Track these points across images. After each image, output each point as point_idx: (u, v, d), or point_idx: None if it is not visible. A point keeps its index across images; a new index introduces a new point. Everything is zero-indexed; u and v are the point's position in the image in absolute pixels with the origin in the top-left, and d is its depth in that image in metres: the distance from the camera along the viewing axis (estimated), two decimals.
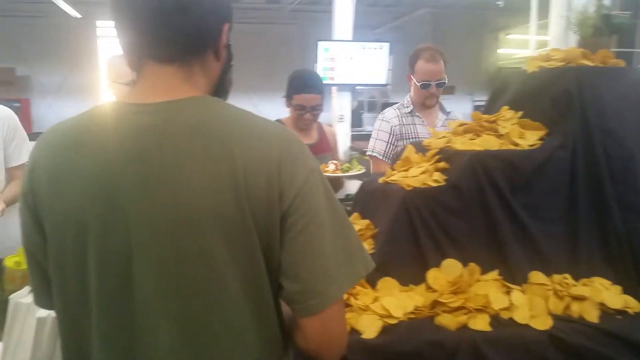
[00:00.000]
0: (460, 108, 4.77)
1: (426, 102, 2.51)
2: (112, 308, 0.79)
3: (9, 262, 1.68)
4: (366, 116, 7.76)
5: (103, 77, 7.03)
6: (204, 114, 0.80)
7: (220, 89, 0.91)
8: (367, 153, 2.63)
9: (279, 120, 2.43)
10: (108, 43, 7.27)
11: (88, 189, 0.78)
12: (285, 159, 0.79)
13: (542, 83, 1.67)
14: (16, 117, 2.26)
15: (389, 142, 2.55)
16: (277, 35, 7.89)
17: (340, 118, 5.32)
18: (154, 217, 0.76)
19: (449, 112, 2.60)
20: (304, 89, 2.29)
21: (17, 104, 7.81)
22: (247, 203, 0.76)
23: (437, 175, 1.48)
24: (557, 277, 1.40)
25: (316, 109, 2.33)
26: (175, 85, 0.82)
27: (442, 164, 1.52)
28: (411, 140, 2.52)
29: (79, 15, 6.67)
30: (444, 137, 1.67)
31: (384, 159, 2.53)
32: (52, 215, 0.81)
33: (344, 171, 2.34)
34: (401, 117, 2.57)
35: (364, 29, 6.90)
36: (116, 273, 0.78)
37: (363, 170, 2.29)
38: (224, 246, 0.76)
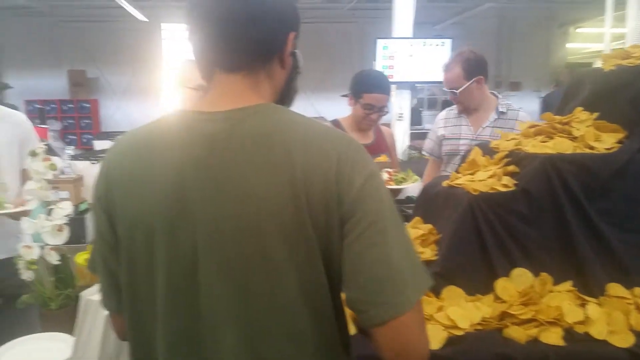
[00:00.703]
0: (526, 105, 4.58)
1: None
2: (177, 309, 0.82)
3: (80, 259, 1.75)
4: (426, 114, 7.63)
5: (166, 79, 7.33)
6: (267, 122, 0.81)
7: (285, 96, 0.92)
8: (422, 152, 2.66)
9: (336, 121, 2.41)
10: (172, 45, 7.51)
11: (158, 193, 0.80)
12: (343, 164, 0.78)
13: (621, 82, 1.56)
14: (30, 122, 2.30)
15: (436, 141, 2.56)
16: (335, 34, 7.89)
17: (399, 116, 5.25)
18: (219, 222, 0.78)
19: (501, 112, 2.44)
20: (376, 88, 2.24)
21: (87, 104, 8.25)
22: (306, 210, 0.76)
23: (506, 180, 1.41)
24: (638, 291, 1.30)
25: (383, 110, 2.29)
26: (242, 93, 0.83)
27: (511, 168, 1.45)
28: (453, 141, 2.49)
29: (145, 19, 6.92)
30: (513, 139, 1.59)
31: (435, 159, 2.55)
32: (124, 217, 0.84)
33: (397, 182, 2.19)
34: (449, 117, 2.54)
35: (424, 26, 6.77)
36: (182, 275, 0.80)
37: (418, 182, 2.19)
38: (285, 252, 0.77)
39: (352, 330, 0.97)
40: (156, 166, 0.81)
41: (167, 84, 7.48)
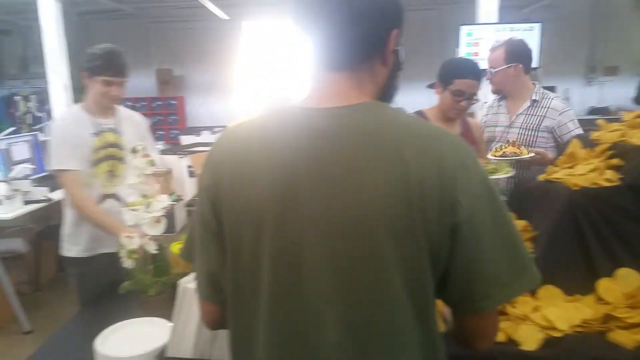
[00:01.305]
0: (625, 92, 4.23)
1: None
2: (281, 301, 0.83)
3: (174, 248, 1.84)
4: None
5: (245, 75, 7.57)
6: (375, 119, 0.81)
7: (386, 93, 0.92)
8: None
9: (420, 111, 2.36)
10: (251, 42, 7.69)
11: (266, 186, 0.82)
12: (459, 167, 0.78)
13: None
14: (146, 121, 2.48)
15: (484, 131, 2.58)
16: (415, 22, 7.72)
17: (483, 105, 5.05)
18: (326, 216, 0.78)
19: (534, 100, 2.41)
20: (468, 74, 2.19)
21: (174, 101, 8.65)
22: (418, 210, 0.76)
23: (610, 174, 1.32)
24: None
25: (473, 98, 2.22)
26: (346, 91, 0.84)
27: (615, 161, 1.36)
28: (491, 128, 2.54)
29: (227, 17, 7.13)
30: (617, 130, 1.48)
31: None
32: (232, 208, 0.86)
33: (488, 173, 2.13)
34: (492, 105, 2.59)
35: (510, 10, 6.45)
36: (288, 268, 0.82)
37: (511, 174, 2.09)
38: (392, 249, 0.77)
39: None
40: (264, 159, 0.83)
41: (245, 80, 7.73)
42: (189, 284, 1.39)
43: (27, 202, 3.55)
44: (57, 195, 3.80)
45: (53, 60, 5.66)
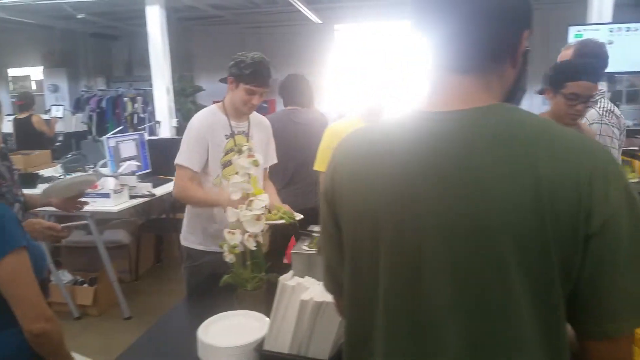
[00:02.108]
0: None
1: None
2: (399, 305, 0.82)
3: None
4: (624, 108, 6.75)
5: (337, 79, 7.65)
6: (505, 122, 0.77)
7: (513, 96, 0.87)
8: None
9: None
10: (344, 46, 7.76)
11: (384, 191, 0.81)
12: (598, 176, 0.72)
13: None
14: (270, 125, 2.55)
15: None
16: None
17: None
18: (447, 224, 0.76)
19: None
20: (582, 75, 2.07)
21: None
22: (548, 219, 0.71)
23: None
24: None
25: (589, 101, 2.10)
26: (473, 94, 0.81)
27: None
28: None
29: (319, 21, 7.24)
30: None
31: None
32: (349, 212, 0.87)
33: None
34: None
35: (626, 8, 5.97)
36: (405, 275, 0.80)
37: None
38: (518, 261, 0.73)
39: None
40: (384, 164, 0.82)
41: (337, 83, 7.81)
42: (288, 281, 1.42)
43: (132, 197, 3.81)
44: (159, 191, 4.05)
45: (157, 64, 6.04)
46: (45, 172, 4.54)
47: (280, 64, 8.38)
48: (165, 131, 6.09)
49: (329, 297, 1.34)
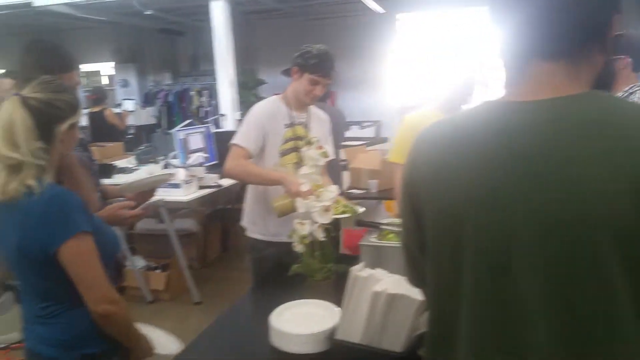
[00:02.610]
0: None
1: None
2: (485, 300, 0.81)
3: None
4: None
5: (399, 69, 7.54)
6: (600, 110, 0.74)
7: (604, 82, 0.84)
8: None
9: None
10: (406, 35, 7.65)
11: (467, 184, 0.80)
12: None
13: None
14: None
15: None
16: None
17: None
18: (540, 216, 0.74)
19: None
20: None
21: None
22: None
23: None
24: None
25: None
26: (562, 82, 0.78)
27: None
28: None
29: (382, 10, 7.17)
30: None
31: None
32: (432, 206, 0.87)
33: None
34: None
35: None
36: (493, 269, 0.79)
37: None
38: (617, 255, 0.70)
39: None
40: (469, 157, 0.81)
41: (398, 74, 7.71)
42: (360, 272, 1.45)
43: (200, 187, 3.95)
44: (226, 182, 4.18)
45: (221, 58, 6.18)
46: (120, 163, 4.78)
47: (341, 55, 8.36)
48: (229, 124, 6.25)
49: (402, 290, 1.36)
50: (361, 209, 2.07)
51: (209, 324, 1.72)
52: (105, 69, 10.96)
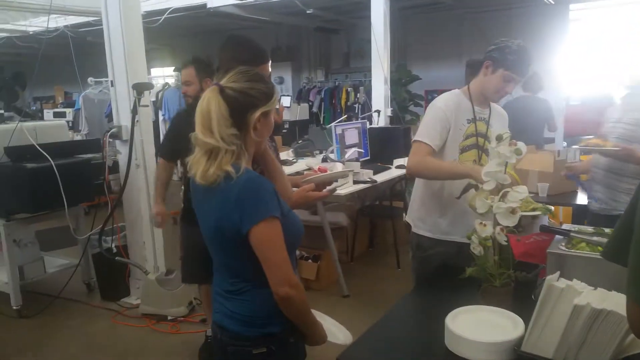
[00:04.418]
0: None
1: None
2: None
3: None
4: None
5: (575, 64, 6.89)
6: None
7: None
8: None
9: None
10: (581, 27, 7.00)
11: None
12: None
13: None
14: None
15: None
16: None
17: None
18: None
19: None
20: None
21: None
22: None
23: None
24: None
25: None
26: None
27: None
28: None
29: (551, 2, 6.65)
30: None
31: None
32: None
33: None
34: None
35: None
36: None
37: None
38: None
39: None
40: None
41: (576, 68, 7.06)
42: (555, 282, 1.31)
43: (355, 182, 3.99)
44: (379, 177, 4.17)
45: (377, 54, 6.21)
46: (280, 156, 5.02)
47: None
48: (380, 120, 6.25)
49: (610, 305, 1.20)
50: (551, 208, 1.88)
51: (358, 318, 1.70)
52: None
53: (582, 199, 3.43)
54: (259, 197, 1.38)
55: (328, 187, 1.79)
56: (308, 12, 7.36)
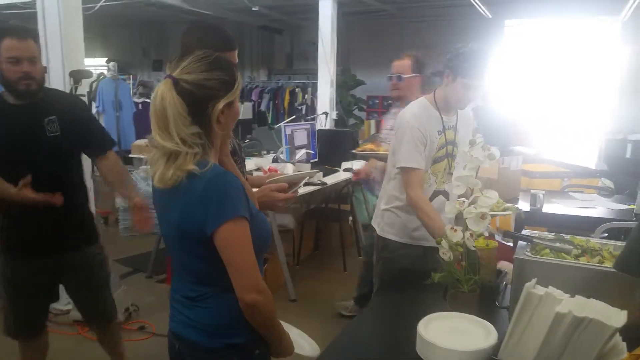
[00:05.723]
0: None
1: None
2: None
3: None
4: None
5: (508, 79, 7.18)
6: None
7: None
8: None
9: None
10: (514, 42, 7.30)
11: None
12: None
13: None
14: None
15: None
16: None
17: None
18: None
19: None
20: None
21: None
22: None
23: None
24: None
25: None
26: None
27: None
28: None
29: (489, 16, 6.89)
30: None
31: None
32: None
33: None
34: None
35: None
36: None
37: None
38: None
39: None
40: None
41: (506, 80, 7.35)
42: (534, 289, 1.30)
43: (305, 184, 3.91)
44: (329, 180, 4.12)
45: (324, 57, 6.17)
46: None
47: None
48: (327, 123, 6.22)
49: (592, 313, 1.20)
50: (521, 208, 1.89)
51: (307, 323, 1.64)
52: None
53: (523, 205, 3.53)
54: (226, 195, 1.26)
55: (292, 190, 1.69)
56: (254, 9, 7.21)
